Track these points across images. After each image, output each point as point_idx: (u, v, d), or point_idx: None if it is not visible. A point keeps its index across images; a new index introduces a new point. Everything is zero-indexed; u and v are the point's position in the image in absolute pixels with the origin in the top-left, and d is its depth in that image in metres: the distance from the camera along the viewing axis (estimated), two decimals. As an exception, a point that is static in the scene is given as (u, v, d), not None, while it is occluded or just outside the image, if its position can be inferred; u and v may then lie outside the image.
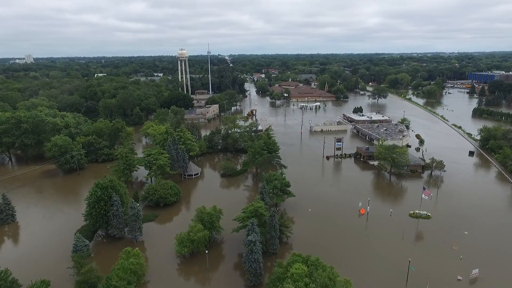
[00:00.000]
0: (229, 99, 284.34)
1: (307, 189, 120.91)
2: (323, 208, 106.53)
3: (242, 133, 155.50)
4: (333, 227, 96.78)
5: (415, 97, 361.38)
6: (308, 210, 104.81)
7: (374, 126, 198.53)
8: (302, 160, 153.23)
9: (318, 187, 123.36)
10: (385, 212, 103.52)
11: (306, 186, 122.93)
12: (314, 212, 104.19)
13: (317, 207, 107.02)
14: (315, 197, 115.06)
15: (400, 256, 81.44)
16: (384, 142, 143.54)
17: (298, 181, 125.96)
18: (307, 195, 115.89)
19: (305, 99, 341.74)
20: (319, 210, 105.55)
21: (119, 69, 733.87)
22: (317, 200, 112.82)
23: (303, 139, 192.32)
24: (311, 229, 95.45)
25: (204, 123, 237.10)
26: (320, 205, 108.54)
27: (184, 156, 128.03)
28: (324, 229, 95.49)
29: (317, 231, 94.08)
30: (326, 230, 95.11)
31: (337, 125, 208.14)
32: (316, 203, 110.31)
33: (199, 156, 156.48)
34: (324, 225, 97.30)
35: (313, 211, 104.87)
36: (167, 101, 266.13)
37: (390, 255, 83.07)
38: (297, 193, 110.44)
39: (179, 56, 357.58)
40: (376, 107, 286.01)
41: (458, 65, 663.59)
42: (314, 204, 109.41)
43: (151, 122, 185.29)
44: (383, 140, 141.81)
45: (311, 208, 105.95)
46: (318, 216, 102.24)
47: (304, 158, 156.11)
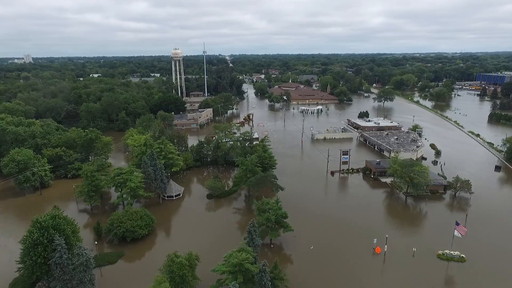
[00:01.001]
0: (225, 102, 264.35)
1: (309, 215, 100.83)
2: (328, 244, 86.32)
3: (234, 144, 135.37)
4: (341, 271, 76.64)
5: (422, 99, 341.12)
6: (310, 248, 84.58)
7: (383, 134, 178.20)
8: (303, 176, 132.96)
9: (322, 213, 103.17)
10: (406, 250, 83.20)
11: (307, 212, 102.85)
12: (317, 250, 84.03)
13: (321, 243, 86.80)
14: (319, 227, 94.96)
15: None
16: (398, 155, 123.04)
17: (298, 204, 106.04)
18: (309, 223, 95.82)
19: (306, 101, 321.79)
20: (323, 246, 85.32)
21: (115, 69, 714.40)
22: (320, 231, 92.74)
23: (304, 148, 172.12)
24: (314, 273, 75.35)
25: (196, 129, 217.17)
26: (325, 240, 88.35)
27: (162, 174, 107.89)
28: (330, 274, 75.39)
29: (321, 278, 73.99)
30: (333, 275, 75.03)
31: (341, 133, 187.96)
32: (320, 236, 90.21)
33: (185, 170, 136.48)
34: (330, 268, 77.18)
35: (316, 248, 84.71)
36: (157, 104, 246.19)
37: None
38: (297, 221, 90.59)
39: (173, 56, 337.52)
40: (383, 111, 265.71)
41: (464, 65, 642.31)
42: (317, 237, 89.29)
43: (133, 130, 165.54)
44: (397, 155, 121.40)
45: (314, 245, 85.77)
46: (322, 255, 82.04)
47: (305, 173, 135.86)
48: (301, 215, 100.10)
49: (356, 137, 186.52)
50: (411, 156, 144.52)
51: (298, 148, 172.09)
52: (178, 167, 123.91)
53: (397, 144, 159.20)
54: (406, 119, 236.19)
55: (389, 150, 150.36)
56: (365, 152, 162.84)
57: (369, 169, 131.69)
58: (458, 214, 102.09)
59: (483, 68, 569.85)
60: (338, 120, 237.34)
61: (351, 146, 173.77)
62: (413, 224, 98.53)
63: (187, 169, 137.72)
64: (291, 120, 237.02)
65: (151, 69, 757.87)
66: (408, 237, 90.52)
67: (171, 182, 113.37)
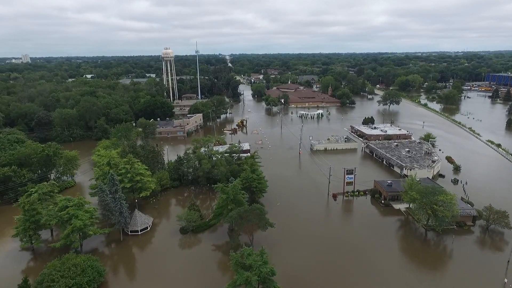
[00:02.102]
0: (217, 106, 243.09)
1: (305, 262, 79.57)
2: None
3: (218, 161, 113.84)
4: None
5: (429, 101, 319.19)
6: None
7: (392, 144, 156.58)
8: (300, 199, 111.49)
9: (321, 251, 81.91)
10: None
11: (302, 257, 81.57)
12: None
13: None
14: (317, 270, 73.75)
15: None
16: (414, 177, 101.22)
17: (290, 244, 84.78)
18: (304, 264, 74.58)
19: (306, 104, 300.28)
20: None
21: (110, 69, 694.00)
22: (319, 277, 71.56)
23: (303, 162, 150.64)
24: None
25: (183, 137, 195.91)
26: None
27: (122, 205, 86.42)
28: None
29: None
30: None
31: (344, 143, 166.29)
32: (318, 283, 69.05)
33: (160, 192, 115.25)
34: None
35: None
36: (142, 109, 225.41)
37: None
38: (289, 273, 69.30)
39: (163, 56, 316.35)
40: (389, 116, 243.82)
41: (469, 65, 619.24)
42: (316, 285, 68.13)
43: (106, 142, 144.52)
44: (413, 177, 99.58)
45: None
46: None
47: (302, 196, 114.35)
48: (294, 260, 78.92)
49: (361, 148, 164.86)
50: (427, 173, 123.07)
51: (295, 162, 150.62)
52: (148, 191, 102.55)
53: (409, 158, 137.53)
54: (415, 126, 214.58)
55: (400, 166, 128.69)
56: (372, 167, 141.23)
57: (379, 191, 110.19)
58: (494, 255, 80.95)
59: (491, 68, 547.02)
60: (341, 126, 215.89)
61: (356, 159, 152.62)
62: (437, 268, 77.09)
63: (162, 191, 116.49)
64: (288, 126, 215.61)
65: (147, 69, 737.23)
66: (432, 286, 69.26)
67: (136, 212, 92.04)
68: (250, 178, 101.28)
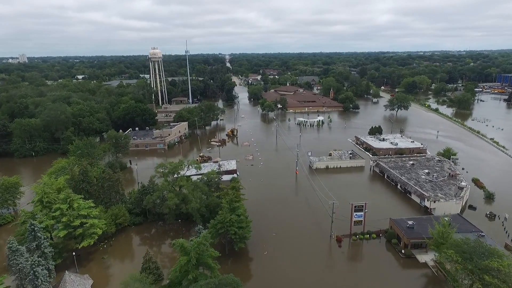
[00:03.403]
0: (207, 112, 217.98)
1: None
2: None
3: (191, 194, 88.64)
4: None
5: (439, 105, 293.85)
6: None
7: (407, 163, 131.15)
8: (294, 245, 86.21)
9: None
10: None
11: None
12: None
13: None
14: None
15: None
16: (447, 223, 75.51)
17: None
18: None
19: (305, 109, 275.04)
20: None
21: (103, 70, 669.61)
22: None
23: (299, 185, 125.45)
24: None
25: (163, 150, 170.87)
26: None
27: (36, 275, 61.24)
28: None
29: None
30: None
31: (349, 160, 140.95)
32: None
33: (117, 233, 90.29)
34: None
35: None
36: (120, 117, 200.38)
37: None
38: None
39: (150, 57, 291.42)
40: (398, 123, 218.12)
41: (476, 65, 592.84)
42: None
43: (62, 162, 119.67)
44: (447, 224, 73.83)
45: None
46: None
47: (297, 239, 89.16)
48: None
49: (369, 165, 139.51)
50: (455, 206, 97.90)
51: (290, 185, 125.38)
52: (93, 238, 77.45)
53: (430, 183, 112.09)
54: (429, 135, 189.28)
55: (421, 196, 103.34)
56: (384, 194, 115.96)
57: (396, 234, 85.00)
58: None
59: (500, 68, 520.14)
60: (344, 136, 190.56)
61: (363, 181, 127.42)
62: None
63: (119, 231, 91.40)
64: (285, 135, 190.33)
65: (142, 70, 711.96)
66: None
67: (66, 277, 66.90)
68: (228, 222, 76.19)
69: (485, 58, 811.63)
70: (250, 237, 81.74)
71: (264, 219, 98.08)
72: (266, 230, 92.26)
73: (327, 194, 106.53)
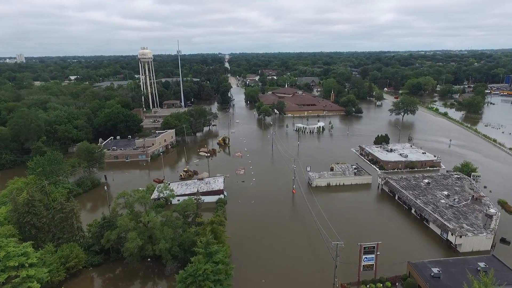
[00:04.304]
0: (197, 118, 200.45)
1: None
2: None
3: (160, 231, 71.06)
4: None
5: (447, 108, 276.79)
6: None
7: (421, 182, 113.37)
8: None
9: None
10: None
11: None
12: None
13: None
14: None
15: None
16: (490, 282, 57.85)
17: None
18: None
19: (305, 113, 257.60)
20: None
21: (98, 70, 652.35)
22: None
23: (297, 210, 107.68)
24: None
25: (146, 162, 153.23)
26: None
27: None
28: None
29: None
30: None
31: (354, 176, 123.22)
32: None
33: (67, 279, 72.70)
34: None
35: None
36: (102, 124, 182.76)
37: None
38: None
39: (140, 57, 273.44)
40: (406, 130, 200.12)
41: (481, 64, 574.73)
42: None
43: (18, 182, 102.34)
44: (490, 282, 56.34)
45: None
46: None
47: (292, 284, 71.74)
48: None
49: (377, 184, 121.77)
50: (486, 241, 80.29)
51: (287, 209, 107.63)
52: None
53: (451, 208, 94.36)
54: (440, 144, 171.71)
55: (443, 227, 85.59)
56: (395, 219, 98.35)
57: (418, 285, 67.31)
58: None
59: (506, 68, 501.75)
60: (347, 145, 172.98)
61: (370, 201, 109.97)
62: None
63: (72, 276, 73.79)
64: (283, 143, 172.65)
65: (138, 70, 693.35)
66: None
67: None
68: (201, 275, 58.57)
69: (489, 58, 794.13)
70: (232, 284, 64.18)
71: (251, 256, 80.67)
72: (254, 273, 74.73)
73: (328, 227, 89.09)
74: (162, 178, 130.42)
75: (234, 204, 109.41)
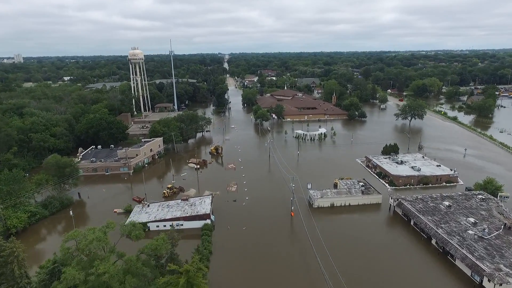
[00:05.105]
0: (188, 123, 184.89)
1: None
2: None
3: (116, 284, 55.35)
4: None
5: (453, 111, 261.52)
6: None
7: (440, 204, 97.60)
8: None
9: None
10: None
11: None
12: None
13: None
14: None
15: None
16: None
17: None
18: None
19: (305, 117, 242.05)
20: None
21: (93, 71, 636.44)
22: None
23: (296, 239, 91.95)
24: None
25: (128, 175, 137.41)
26: None
27: None
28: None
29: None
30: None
31: (361, 195, 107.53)
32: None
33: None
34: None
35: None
36: (83, 131, 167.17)
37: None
38: None
39: (130, 58, 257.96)
40: (415, 136, 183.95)
41: (483, 65, 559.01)
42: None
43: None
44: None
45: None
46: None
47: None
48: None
49: (387, 201, 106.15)
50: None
51: (283, 238, 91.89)
52: None
53: (481, 241, 78.62)
54: (454, 154, 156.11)
55: (475, 269, 69.87)
56: (412, 251, 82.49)
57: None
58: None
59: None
60: (351, 155, 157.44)
61: (380, 227, 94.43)
62: None
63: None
64: (281, 152, 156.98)
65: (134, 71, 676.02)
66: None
67: None
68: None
69: (493, 58, 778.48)
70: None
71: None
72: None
73: (330, 264, 73.52)
74: (142, 196, 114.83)
75: (223, 230, 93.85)
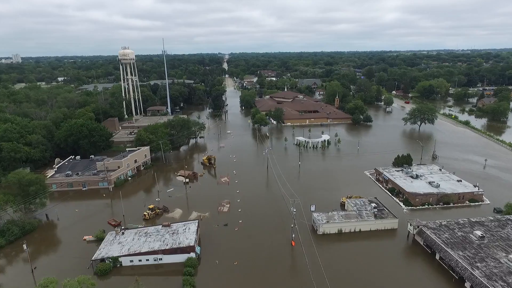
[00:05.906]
0: (179, 130, 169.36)
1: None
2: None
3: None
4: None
5: (463, 114, 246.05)
6: None
7: (470, 233, 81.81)
8: None
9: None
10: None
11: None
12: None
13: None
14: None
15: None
16: None
17: None
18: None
19: (306, 121, 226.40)
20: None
21: (89, 71, 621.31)
22: None
23: (297, 277, 76.31)
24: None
25: (108, 191, 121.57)
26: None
27: None
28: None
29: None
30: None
31: (374, 220, 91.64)
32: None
33: None
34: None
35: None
36: (62, 139, 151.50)
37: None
38: None
39: (120, 58, 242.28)
40: (426, 143, 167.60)
41: (489, 65, 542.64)
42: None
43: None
44: None
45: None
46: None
47: None
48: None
49: (404, 226, 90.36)
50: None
51: (282, 278, 76.17)
52: None
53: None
54: (472, 165, 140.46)
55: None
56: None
57: None
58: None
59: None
60: (358, 165, 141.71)
61: (396, 256, 78.95)
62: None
63: None
64: (281, 162, 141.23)
65: (132, 71, 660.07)
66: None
67: None
68: None
69: (497, 58, 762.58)
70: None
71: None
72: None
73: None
74: (120, 219, 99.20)
75: (210, 266, 78.15)
